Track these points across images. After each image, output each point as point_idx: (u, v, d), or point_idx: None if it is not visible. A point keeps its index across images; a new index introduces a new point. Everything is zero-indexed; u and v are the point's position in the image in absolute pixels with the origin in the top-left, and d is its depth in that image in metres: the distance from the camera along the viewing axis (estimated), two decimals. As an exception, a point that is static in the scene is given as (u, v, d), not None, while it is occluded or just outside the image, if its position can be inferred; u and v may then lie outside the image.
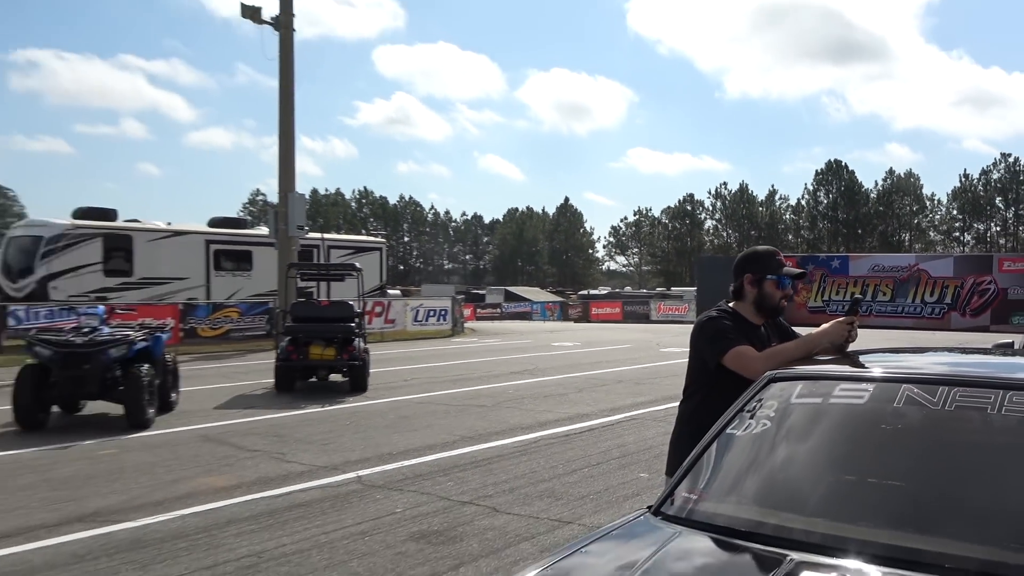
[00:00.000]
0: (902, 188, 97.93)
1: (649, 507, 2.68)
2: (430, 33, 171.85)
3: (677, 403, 3.82)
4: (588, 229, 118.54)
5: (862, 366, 3.07)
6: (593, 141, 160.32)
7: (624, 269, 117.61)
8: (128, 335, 10.96)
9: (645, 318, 45.69)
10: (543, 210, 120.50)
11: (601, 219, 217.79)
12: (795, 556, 2.20)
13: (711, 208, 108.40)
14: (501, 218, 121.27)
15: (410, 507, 6.79)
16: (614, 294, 63.75)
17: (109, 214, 26.19)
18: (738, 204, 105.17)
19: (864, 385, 2.84)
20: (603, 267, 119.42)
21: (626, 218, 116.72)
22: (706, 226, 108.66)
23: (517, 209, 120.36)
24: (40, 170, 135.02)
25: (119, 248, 25.23)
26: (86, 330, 10.90)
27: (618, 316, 47.47)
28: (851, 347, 3.44)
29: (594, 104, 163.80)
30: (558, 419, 11.14)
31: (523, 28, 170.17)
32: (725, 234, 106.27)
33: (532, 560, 5.36)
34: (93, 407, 11.41)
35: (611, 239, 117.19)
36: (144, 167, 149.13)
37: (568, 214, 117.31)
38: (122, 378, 10.49)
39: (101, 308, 12.07)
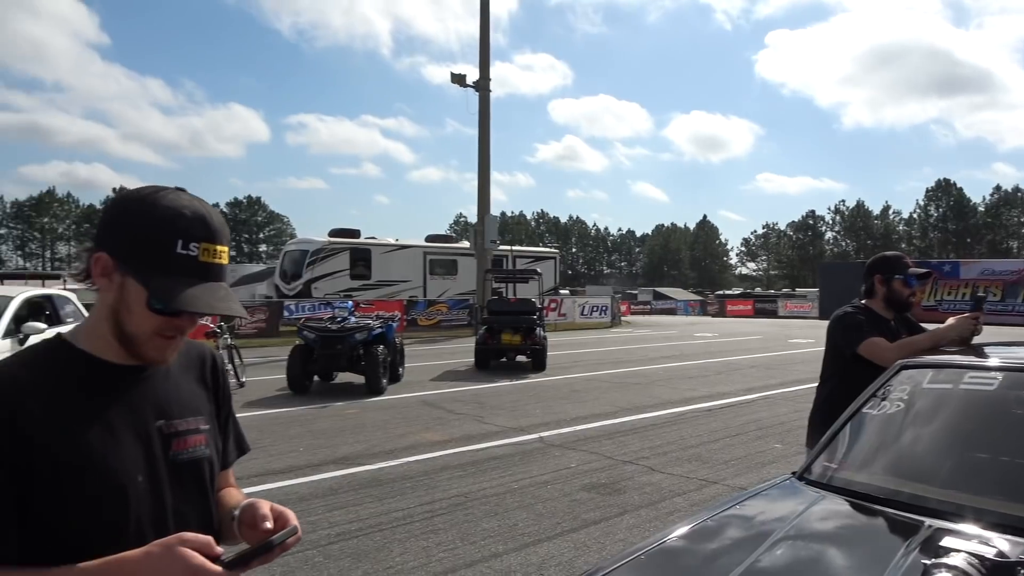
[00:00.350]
0: (1009, 202, 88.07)
1: (793, 472, 2.50)
2: (593, 87, 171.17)
3: (805, 386, 3.61)
4: (723, 240, 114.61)
5: (989, 357, 2.74)
6: (726, 168, 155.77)
7: (754, 273, 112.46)
8: (368, 323, 11.50)
9: (773, 314, 43.43)
10: (684, 225, 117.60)
11: (733, 232, 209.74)
12: (931, 522, 1.97)
13: (831, 222, 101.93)
14: (650, 232, 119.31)
15: (582, 463, 6.73)
16: (746, 294, 60.89)
17: (354, 233, 27.57)
18: (855, 218, 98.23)
19: (993, 374, 2.53)
20: (736, 271, 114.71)
21: (755, 231, 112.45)
22: (826, 237, 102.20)
23: (663, 225, 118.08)
24: (305, 201, 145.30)
25: (361, 259, 26.54)
26: (339, 319, 11.54)
27: (749, 312, 45.38)
28: (975, 340, 3.09)
29: (727, 138, 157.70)
30: (701, 396, 10.75)
31: (668, 79, 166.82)
32: (843, 244, 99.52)
33: (690, 511, 5.20)
34: (342, 377, 12.07)
35: (743, 248, 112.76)
36: (378, 198, 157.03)
37: (706, 228, 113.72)
38: (364, 356, 11.01)
39: (349, 303, 12.72)
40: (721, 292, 67.95)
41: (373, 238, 28.24)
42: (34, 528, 1.10)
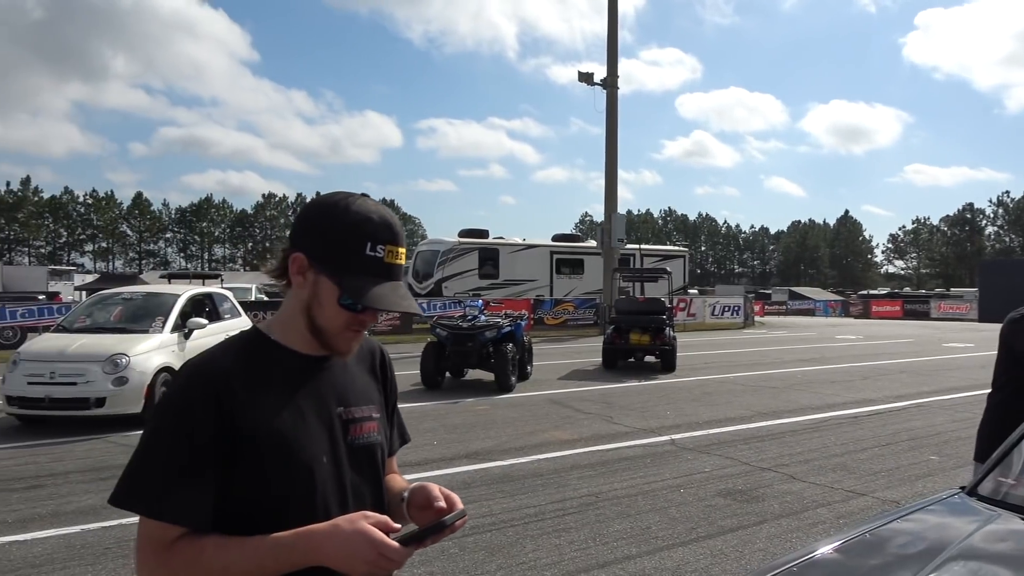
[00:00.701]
0: None
1: (962, 487, 2.30)
2: (723, 80, 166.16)
3: (964, 394, 3.34)
4: (867, 237, 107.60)
5: None
6: (870, 160, 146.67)
7: (902, 272, 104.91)
8: (498, 322, 11.70)
9: (925, 316, 40.33)
10: (824, 221, 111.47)
11: (878, 228, 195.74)
12: None
13: (992, 215, 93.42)
14: (785, 229, 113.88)
15: (716, 468, 6.53)
16: (893, 294, 56.83)
17: (483, 233, 28.11)
18: (1021, 211, 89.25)
19: None
20: (881, 270, 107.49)
21: (904, 226, 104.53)
22: (987, 232, 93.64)
23: (800, 221, 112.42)
24: (435, 203, 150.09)
25: (489, 258, 27.02)
26: (469, 318, 11.81)
27: (898, 314, 42.36)
28: None
29: (871, 127, 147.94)
30: (845, 402, 10.14)
31: (805, 68, 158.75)
32: (1007, 239, 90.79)
33: (837, 524, 4.93)
34: (472, 374, 12.35)
35: (889, 245, 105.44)
36: (504, 198, 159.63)
37: (848, 224, 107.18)
38: (494, 353, 11.21)
39: (480, 302, 12.99)
40: (865, 292, 63.87)
41: (501, 238, 28.67)
42: (234, 500, 1.21)
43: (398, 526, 1.18)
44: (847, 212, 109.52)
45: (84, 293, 28.77)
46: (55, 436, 7.74)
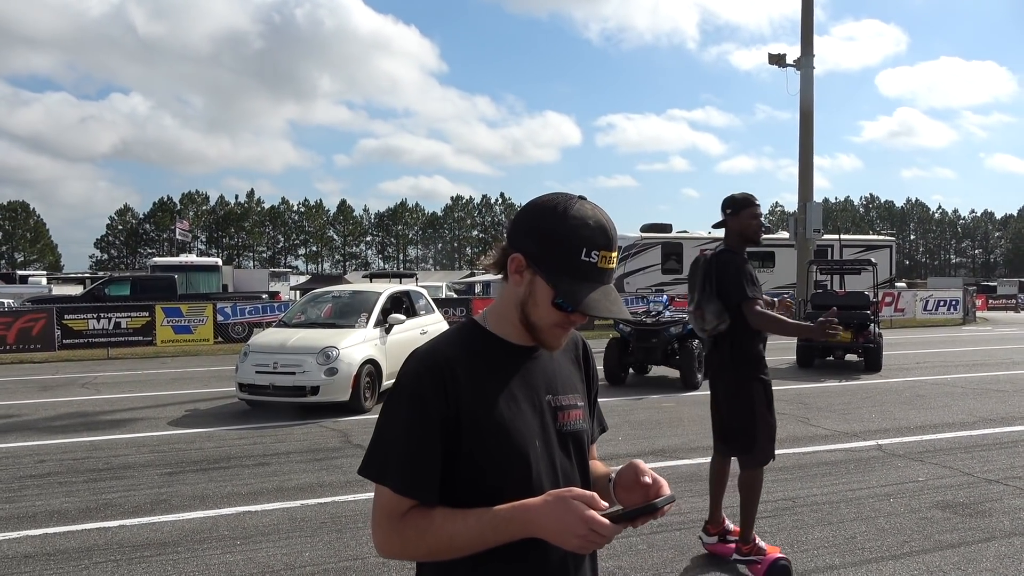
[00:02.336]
0: None
1: None
2: (932, 50, 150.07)
3: None
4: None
5: None
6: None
7: None
8: (683, 318, 11.40)
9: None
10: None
11: None
12: None
13: None
14: (1015, 213, 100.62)
15: (932, 478, 5.93)
16: None
17: (666, 228, 27.54)
18: None
19: None
20: None
21: None
22: None
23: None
24: (615, 199, 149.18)
25: (673, 253, 26.42)
26: (654, 314, 11.64)
27: None
28: None
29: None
30: (1093, 410, 8.80)
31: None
32: None
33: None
34: (656, 371, 12.16)
35: None
36: (687, 191, 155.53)
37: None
38: (678, 350, 10.97)
39: (664, 297, 12.76)
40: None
41: (685, 232, 27.94)
42: (459, 478, 1.32)
43: (604, 504, 1.22)
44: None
45: (298, 292, 31.84)
46: (277, 420, 8.65)
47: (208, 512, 5.27)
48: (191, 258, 30.55)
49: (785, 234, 27.44)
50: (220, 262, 29.55)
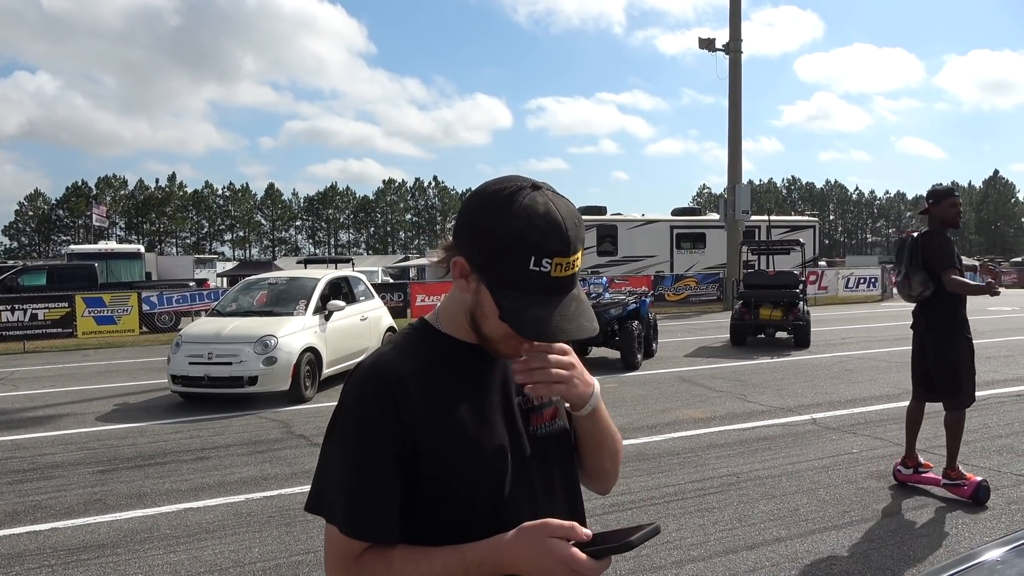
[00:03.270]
0: None
1: None
2: (847, 37, 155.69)
3: None
4: (1020, 199, 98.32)
5: None
6: (1019, 114, 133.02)
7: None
8: (623, 299, 11.58)
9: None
10: (969, 184, 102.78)
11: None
12: None
13: None
14: (924, 194, 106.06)
15: (865, 449, 6.20)
16: (1053, 261, 51.63)
17: (601, 210, 27.78)
18: None
19: None
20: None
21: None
22: None
23: (941, 184, 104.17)
24: (548, 181, 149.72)
25: (608, 235, 26.71)
26: (594, 295, 11.73)
27: (1059, 282, 38.52)
28: None
29: (1019, 78, 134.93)
30: (1006, 379, 9.35)
31: (938, 18, 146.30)
32: None
33: (1008, 511, 4.56)
34: (597, 352, 12.29)
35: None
36: (617, 174, 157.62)
37: (997, 186, 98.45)
38: (619, 331, 11.11)
39: (604, 279, 12.90)
40: (1019, 259, 58.46)
41: (619, 214, 28.28)
42: (422, 506, 1.16)
43: (587, 533, 1.08)
44: (996, 172, 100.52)
45: (225, 279, 30.84)
46: (214, 412, 8.37)
47: (147, 511, 5.06)
48: (111, 245, 29.24)
49: (715, 216, 28.16)
50: (143, 249, 28.38)
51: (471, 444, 1.16)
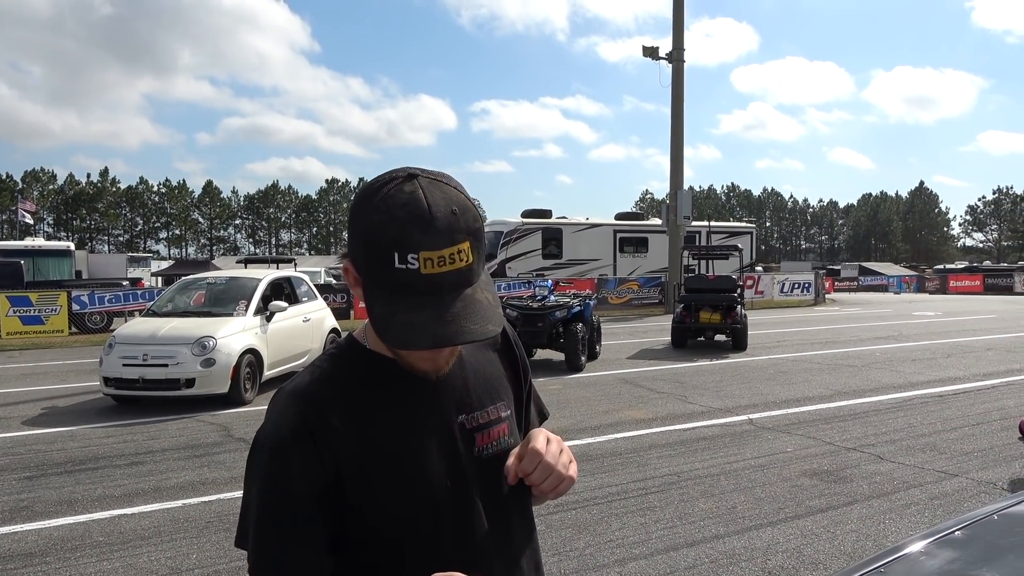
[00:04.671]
0: None
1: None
2: (781, 50, 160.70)
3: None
4: (943, 209, 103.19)
5: None
6: (941, 128, 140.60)
7: (981, 245, 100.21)
8: (567, 302, 11.68)
9: (1008, 291, 38.50)
10: (896, 193, 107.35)
11: (954, 199, 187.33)
12: None
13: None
14: (855, 202, 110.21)
15: (799, 448, 6.41)
16: (972, 268, 54.26)
17: (546, 214, 27.99)
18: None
19: None
20: (958, 243, 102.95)
21: (984, 197, 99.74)
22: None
23: (871, 194, 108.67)
24: (493, 185, 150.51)
25: (553, 238, 26.94)
26: (539, 298, 11.83)
27: (978, 288, 40.51)
28: None
29: (940, 94, 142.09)
30: (929, 380, 9.79)
31: (865, 34, 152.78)
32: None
33: (931, 505, 4.79)
34: (541, 354, 12.37)
35: (967, 217, 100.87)
36: (561, 178, 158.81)
37: (923, 196, 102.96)
38: (563, 333, 11.21)
39: (549, 282, 12.98)
40: (942, 266, 61.26)
41: (564, 218, 28.52)
42: (350, 547, 1.07)
43: None
44: (922, 183, 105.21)
45: (161, 279, 29.89)
46: (149, 415, 8.12)
47: (78, 517, 4.88)
48: (38, 242, 28.03)
49: (657, 220, 28.68)
50: (72, 246, 27.31)
51: (401, 475, 1.06)
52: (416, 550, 1.06)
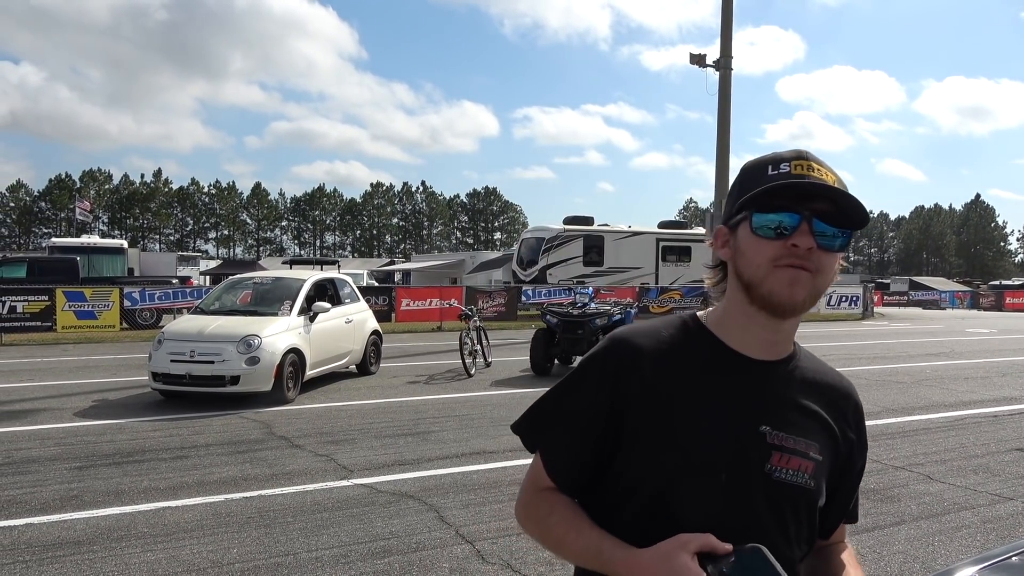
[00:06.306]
0: None
1: None
2: (828, 59, 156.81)
3: None
4: (1000, 223, 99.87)
5: None
6: (995, 140, 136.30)
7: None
8: (608, 309, 11.61)
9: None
10: (950, 206, 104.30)
11: (1012, 213, 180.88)
12: None
13: None
14: (907, 215, 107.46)
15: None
16: (1030, 285, 52.34)
17: (588, 220, 27.86)
18: None
19: None
20: (1016, 259, 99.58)
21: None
22: None
23: (923, 206, 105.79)
24: (534, 191, 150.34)
25: (594, 246, 26.81)
26: (579, 305, 11.78)
27: (1036, 306, 39.07)
28: None
29: (994, 105, 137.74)
30: (983, 400, 9.47)
31: (915, 44, 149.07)
32: None
33: (983, 528, 4.62)
34: (581, 361, 12.30)
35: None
36: (602, 185, 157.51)
37: (979, 209, 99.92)
38: (603, 341, 11.13)
39: (590, 289, 12.92)
40: (997, 282, 59.29)
41: (606, 225, 28.37)
42: (613, 484, 1.15)
43: (725, 547, 0.98)
44: (978, 196, 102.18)
45: (208, 277, 30.63)
46: (194, 411, 8.30)
47: (124, 508, 5.00)
48: (94, 239, 28.92)
49: (701, 230, 28.37)
50: (125, 244, 28.11)
51: (680, 444, 1.09)
52: (671, 516, 1.07)
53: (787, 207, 1.08)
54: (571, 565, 1.20)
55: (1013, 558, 1.70)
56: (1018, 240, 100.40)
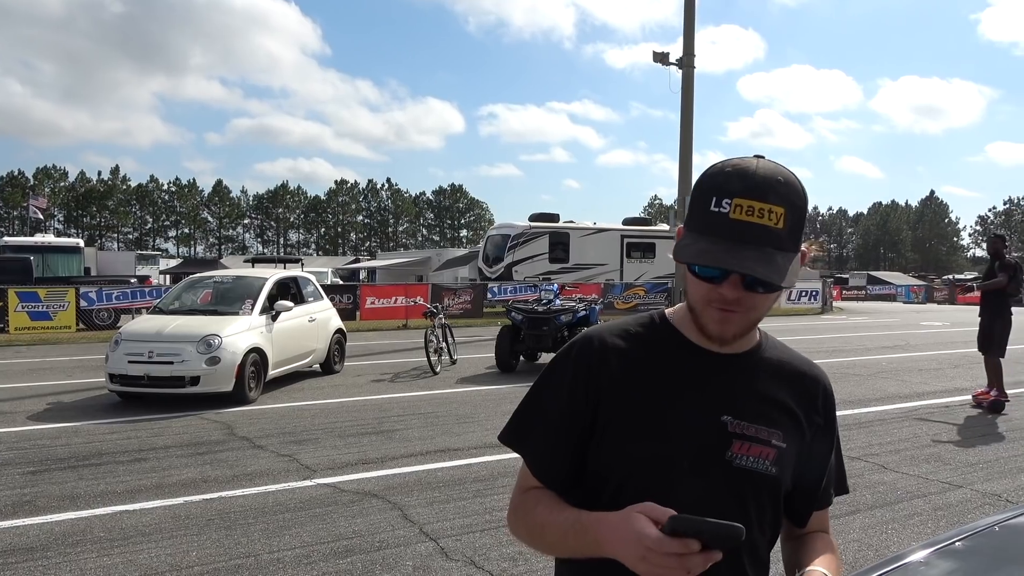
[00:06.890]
0: None
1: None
2: (788, 58, 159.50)
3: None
4: (953, 219, 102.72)
5: None
6: (948, 138, 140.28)
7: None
8: (573, 306, 11.67)
9: (1019, 303, 38.16)
10: (906, 203, 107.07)
11: (965, 209, 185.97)
12: None
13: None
14: (865, 211, 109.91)
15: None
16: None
17: (554, 217, 27.97)
18: None
19: None
20: (968, 254, 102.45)
21: (995, 208, 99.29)
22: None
23: (881, 203, 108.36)
24: (500, 188, 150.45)
25: (560, 242, 26.92)
26: (544, 302, 11.81)
27: (987, 299, 40.18)
28: None
29: (947, 104, 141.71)
30: (935, 391, 9.74)
31: (871, 43, 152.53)
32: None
33: (934, 515, 4.75)
34: (546, 358, 12.36)
35: (977, 228, 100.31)
36: (568, 182, 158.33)
37: (933, 206, 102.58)
38: (568, 337, 11.19)
39: (555, 286, 12.98)
40: (950, 277, 60.95)
41: (571, 222, 28.50)
42: (587, 474, 1.20)
43: (667, 512, 0.99)
44: (932, 193, 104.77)
45: (169, 277, 30.05)
46: (153, 412, 8.14)
47: (80, 513, 4.89)
48: (48, 238, 28.14)
49: (665, 226, 28.68)
50: (82, 243, 27.45)
51: (645, 434, 1.14)
52: (631, 504, 1.05)
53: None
54: (535, 560, 1.23)
55: (957, 543, 1.76)
56: (970, 235, 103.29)
